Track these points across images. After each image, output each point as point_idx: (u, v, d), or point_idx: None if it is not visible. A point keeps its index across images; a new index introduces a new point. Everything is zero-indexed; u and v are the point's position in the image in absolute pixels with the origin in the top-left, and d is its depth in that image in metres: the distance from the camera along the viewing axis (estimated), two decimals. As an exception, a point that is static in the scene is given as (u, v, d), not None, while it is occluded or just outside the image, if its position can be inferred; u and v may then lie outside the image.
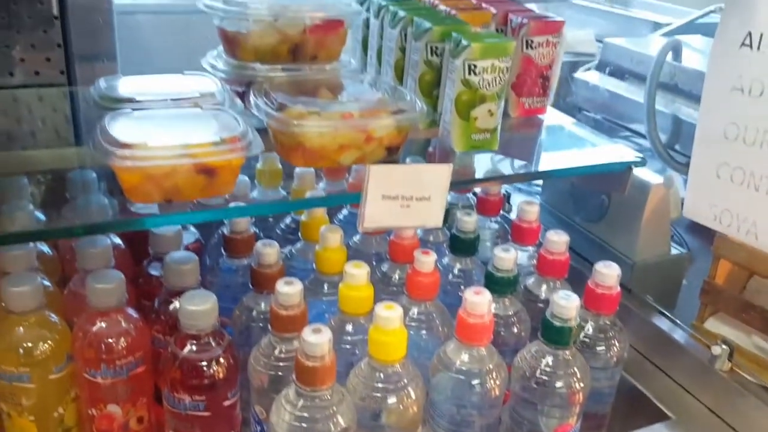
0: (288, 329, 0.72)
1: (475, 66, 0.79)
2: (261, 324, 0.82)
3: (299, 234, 0.92)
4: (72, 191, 0.84)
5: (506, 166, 0.89)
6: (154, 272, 0.85)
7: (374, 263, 0.90)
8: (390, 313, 0.68)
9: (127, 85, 0.77)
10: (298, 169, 0.96)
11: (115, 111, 0.69)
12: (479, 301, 0.69)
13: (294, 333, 0.73)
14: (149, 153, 0.63)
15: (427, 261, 0.79)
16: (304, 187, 0.98)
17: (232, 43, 0.85)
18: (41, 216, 0.77)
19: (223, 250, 0.88)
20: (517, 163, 0.91)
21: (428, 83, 0.87)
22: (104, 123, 0.65)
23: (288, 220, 1.01)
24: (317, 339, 0.63)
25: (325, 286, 0.84)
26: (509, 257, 0.79)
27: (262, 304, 0.82)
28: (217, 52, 0.89)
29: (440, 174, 0.74)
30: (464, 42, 0.79)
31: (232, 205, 0.79)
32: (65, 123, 0.92)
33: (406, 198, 0.74)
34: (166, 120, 0.69)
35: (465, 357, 0.72)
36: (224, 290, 0.86)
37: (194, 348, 0.72)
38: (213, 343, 0.72)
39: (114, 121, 0.66)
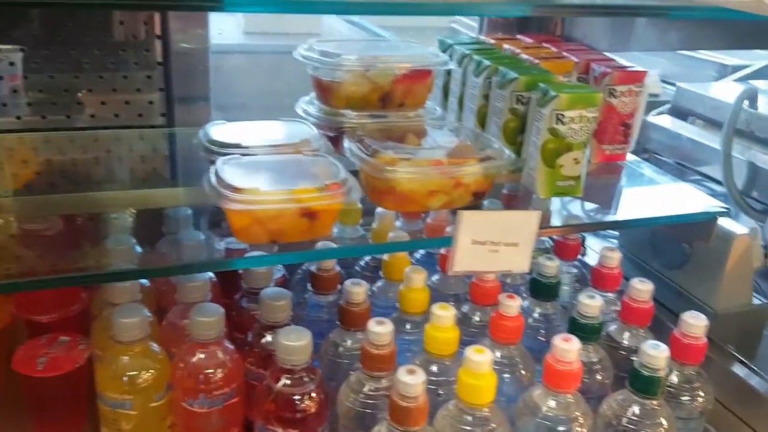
0: (378, 368, 0.75)
1: (562, 116, 0.81)
2: (346, 360, 0.85)
3: (379, 272, 0.95)
4: (171, 227, 0.89)
5: (589, 214, 0.90)
6: (246, 306, 0.89)
7: (452, 304, 0.92)
8: (481, 357, 0.70)
9: (232, 131, 0.81)
10: (379, 209, 1.00)
11: (225, 156, 0.73)
12: (569, 348, 0.71)
13: (383, 372, 0.75)
14: (259, 198, 0.67)
15: (512, 305, 0.80)
16: (384, 226, 1.00)
17: (325, 90, 0.89)
18: (142, 251, 0.82)
19: (309, 286, 0.91)
20: (599, 210, 0.92)
21: (513, 130, 0.90)
22: (217, 168, 0.70)
23: (368, 257, 1.04)
24: (413, 380, 0.66)
25: (408, 325, 0.87)
26: (595, 304, 0.80)
27: (348, 341, 0.85)
28: (309, 98, 0.93)
29: (529, 220, 0.76)
30: (552, 92, 0.81)
31: (319, 246, 0.82)
32: (166, 163, 0.97)
33: (495, 243, 0.76)
34: (271, 165, 0.73)
35: (552, 403, 0.73)
36: (309, 325, 0.88)
37: (289, 382, 0.75)
38: (306, 378, 0.75)
39: (226, 166, 0.71)
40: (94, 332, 0.84)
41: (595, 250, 1.11)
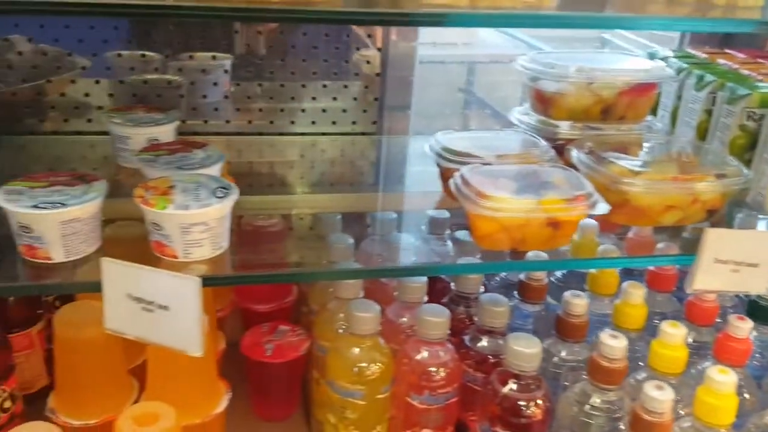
0: (607, 381, 0.75)
1: (805, 135, 0.78)
2: (558, 370, 0.85)
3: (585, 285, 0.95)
4: (379, 230, 0.93)
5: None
6: (455, 309, 0.92)
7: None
8: (724, 377, 0.69)
9: (460, 140, 0.84)
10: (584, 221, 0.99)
11: (467, 165, 0.76)
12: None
13: (612, 385, 0.75)
14: (509, 206, 0.69)
15: (743, 327, 0.78)
16: (586, 239, 1.00)
17: (546, 102, 0.90)
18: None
19: (517, 294, 0.93)
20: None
21: (741, 147, 0.87)
22: (464, 175, 0.73)
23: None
24: (662, 396, 0.65)
25: (619, 340, 0.86)
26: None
27: (564, 352, 0.85)
28: (524, 108, 0.95)
29: (775, 242, 0.73)
30: (796, 110, 0.78)
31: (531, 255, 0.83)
32: (398, 168, 1.02)
33: (737, 263, 0.74)
34: (511, 174, 0.75)
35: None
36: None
37: (515, 387, 0.76)
38: (533, 385, 0.76)
39: (471, 173, 0.73)
40: (319, 323, 0.90)
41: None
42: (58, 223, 0.63)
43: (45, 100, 0.98)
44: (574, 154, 0.82)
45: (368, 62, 1.02)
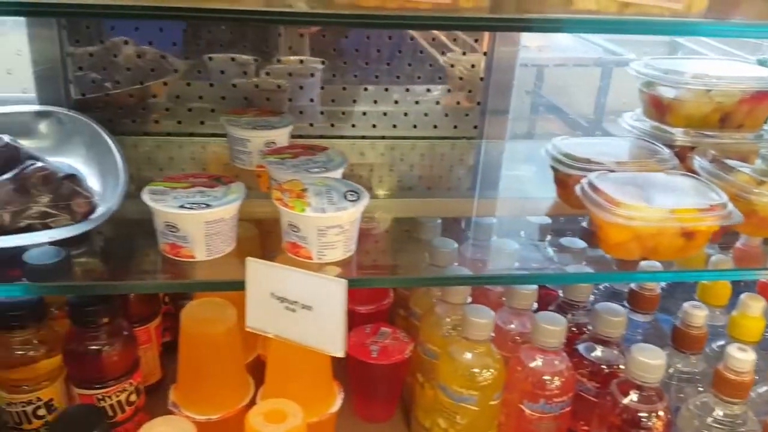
0: (733, 394, 0.73)
1: None
2: (675, 382, 0.84)
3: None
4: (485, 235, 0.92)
5: None
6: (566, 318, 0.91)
7: None
8: None
9: (576, 146, 0.83)
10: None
11: (590, 171, 0.75)
12: None
13: (738, 399, 0.74)
14: (643, 214, 0.68)
15: None
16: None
17: (662, 108, 0.89)
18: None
19: (626, 303, 0.91)
20: None
21: None
22: (592, 182, 0.72)
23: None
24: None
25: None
26: None
27: (680, 364, 0.84)
28: (636, 113, 0.94)
29: None
30: None
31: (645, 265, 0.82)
32: (499, 172, 1.02)
33: None
34: (639, 182, 0.74)
35: None
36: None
37: (636, 398, 0.75)
38: (655, 397, 0.75)
39: (600, 180, 0.73)
40: (425, 327, 0.90)
41: None
42: (203, 223, 0.65)
43: (140, 102, 1.01)
44: (697, 161, 0.80)
45: (473, 66, 1.03)
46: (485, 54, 1.02)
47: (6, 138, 0.71)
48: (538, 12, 0.60)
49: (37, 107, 0.89)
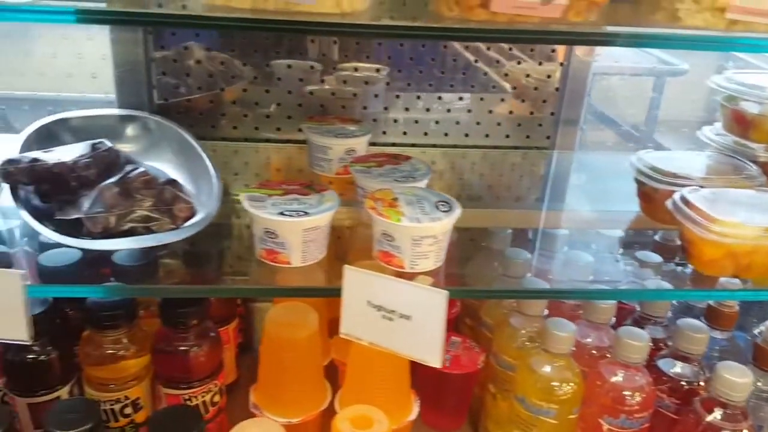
0: (825, 417, 0.72)
1: None
2: (754, 400, 0.83)
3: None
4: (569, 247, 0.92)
5: None
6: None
7: None
8: None
9: (664, 160, 0.83)
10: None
11: (681, 186, 0.75)
12: None
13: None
14: (740, 231, 0.67)
15: None
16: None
17: (746, 124, 0.88)
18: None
19: (704, 319, 0.90)
20: None
21: None
22: (686, 197, 0.72)
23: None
24: None
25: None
26: None
27: (760, 382, 0.82)
28: (716, 128, 0.93)
29: None
30: None
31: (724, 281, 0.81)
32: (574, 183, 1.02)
33: None
34: (733, 198, 0.74)
35: None
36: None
37: (720, 416, 0.74)
38: (740, 416, 0.74)
39: (693, 196, 0.72)
40: (500, 338, 0.90)
41: None
42: (302, 230, 0.66)
43: (219, 108, 1.03)
44: (787, 179, 0.79)
45: (549, 76, 1.02)
46: (561, 64, 1.02)
47: (108, 143, 0.74)
48: (645, 26, 0.60)
49: (123, 111, 0.92)
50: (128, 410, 0.78)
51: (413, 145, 1.05)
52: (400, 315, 0.62)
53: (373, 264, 0.70)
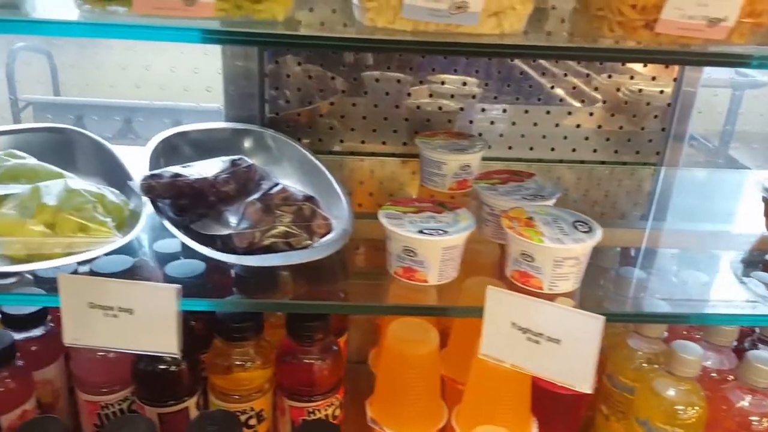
0: None
1: None
2: None
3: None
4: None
5: None
6: None
7: None
8: None
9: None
10: None
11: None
12: None
13: None
14: None
15: None
16: None
17: None
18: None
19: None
20: None
21: None
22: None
23: None
24: None
25: None
26: None
27: None
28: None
29: None
30: None
31: None
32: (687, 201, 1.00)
33: None
34: None
35: None
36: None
37: None
38: None
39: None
40: (617, 359, 0.88)
41: None
42: (441, 248, 0.66)
43: (327, 121, 1.04)
44: None
45: (661, 92, 1.01)
46: (675, 80, 1.00)
47: (247, 159, 0.75)
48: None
49: (239, 125, 0.93)
50: (252, 422, 0.79)
51: (518, 160, 1.04)
52: (548, 338, 0.61)
53: (503, 284, 0.69)
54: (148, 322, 0.62)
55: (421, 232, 0.66)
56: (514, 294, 0.62)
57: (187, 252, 0.72)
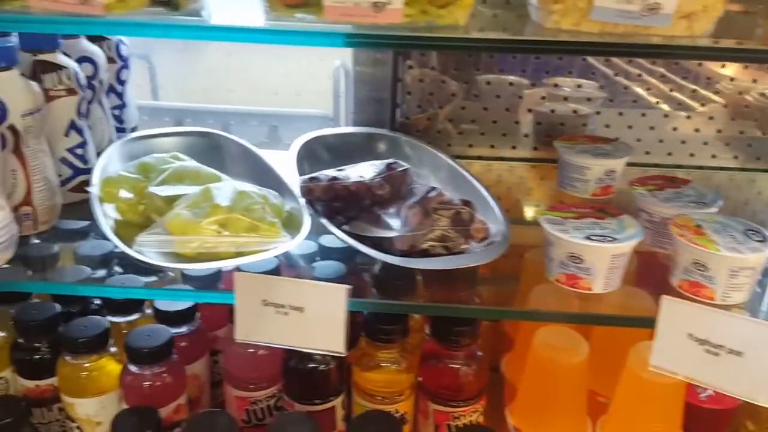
0: None
1: None
2: None
3: None
4: None
5: None
6: None
7: None
8: None
9: None
10: None
11: None
12: None
13: None
14: None
15: None
16: None
17: None
18: None
19: None
20: None
21: None
22: None
23: None
24: None
25: None
26: None
27: None
28: None
29: None
30: None
31: None
32: None
33: None
34: None
35: None
36: None
37: None
38: None
39: None
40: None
41: None
42: (610, 256, 0.65)
43: (456, 126, 1.03)
44: None
45: (740, 93, 0.97)
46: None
47: (403, 164, 0.75)
48: None
49: (372, 129, 0.94)
50: (397, 424, 0.80)
51: (633, 165, 1.01)
52: (729, 350, 0.59)
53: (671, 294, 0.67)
54: (317, 321, 0.63)
55: (588, 238, 0.65)
56: (692, 304, 0.60)
57: (325, 253, 0.74)
